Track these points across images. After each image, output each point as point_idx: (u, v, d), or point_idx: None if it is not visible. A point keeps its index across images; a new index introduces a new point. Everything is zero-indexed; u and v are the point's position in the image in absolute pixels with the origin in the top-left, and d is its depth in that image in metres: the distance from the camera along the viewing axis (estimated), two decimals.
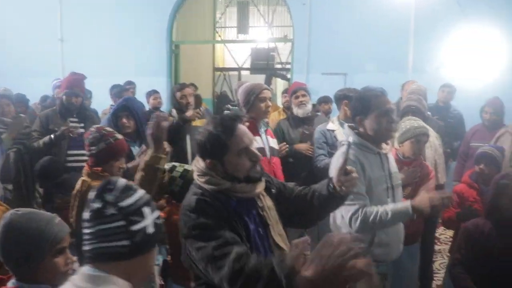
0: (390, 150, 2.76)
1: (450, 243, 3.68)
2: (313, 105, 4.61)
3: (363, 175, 2.45)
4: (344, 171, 1.96)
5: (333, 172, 2.55)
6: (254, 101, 3.40)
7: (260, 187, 1.92)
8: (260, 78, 10.85)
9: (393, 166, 2.75)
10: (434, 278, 4.21)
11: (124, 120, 3.54)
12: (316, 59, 6.91)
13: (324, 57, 6.86)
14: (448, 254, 3.70)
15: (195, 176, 1.92)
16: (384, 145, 2.66)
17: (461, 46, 6.30)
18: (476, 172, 3.40)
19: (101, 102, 6.04)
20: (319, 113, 4.86)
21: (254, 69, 12.06)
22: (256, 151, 1.88)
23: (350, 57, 6.76)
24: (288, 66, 9.92)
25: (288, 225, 2.14)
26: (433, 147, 3.88)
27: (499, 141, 4.15)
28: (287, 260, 1.48)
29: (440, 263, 4.63)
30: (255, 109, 3.42)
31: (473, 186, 3.37)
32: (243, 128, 1.87)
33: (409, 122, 3.32)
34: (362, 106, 2.54)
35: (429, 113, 4.63)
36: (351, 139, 2.24)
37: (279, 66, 11.67)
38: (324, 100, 5.65)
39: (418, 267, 3.53)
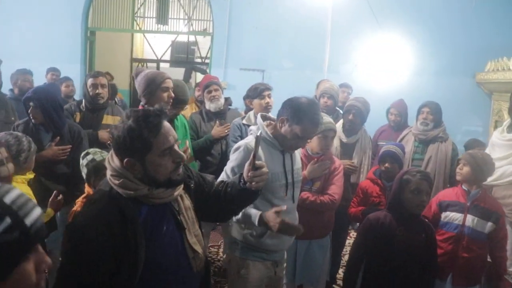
0: None
1: None
2: (226, 99, 4.62)
3: None
4: (253, 166, 1.93)
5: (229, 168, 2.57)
6: (156, 91, 3.13)
7: (179, 190, 1.81)
8: (179, 72, 10.71)
9: (298, 162, 2.80)
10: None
11: (31, 111, 3.41)
12: (234, 54, 6.91)
13: (243, 53, 6.88)
14: None
15: (108, 175, 1.74)
16: None
17: (373, 51, 6.59)
18: (380, 169, 3.54)
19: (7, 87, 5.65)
20: (231, 107, 4.87)
21: (173, 62, 11.88)
22: (181, 152, 1.75)
23: (269, 54, 6.83)
24: (208, 61, 9.85)
25: (205, 219, 2.09)
26: (363, 148, 4.01)
27: (403, 141, 4.33)
28: None
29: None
30: (157, 100, 3.12)
31: (377, 182, 3.50)
32: (168, 125, 1.72)
33: None
34: (296, 113, 2.49)
35: None
36: (259, 132, 2.22)
37: (199, 60, 11.58)
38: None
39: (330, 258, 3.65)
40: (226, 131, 4.12)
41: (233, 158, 2.57)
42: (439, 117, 4.22)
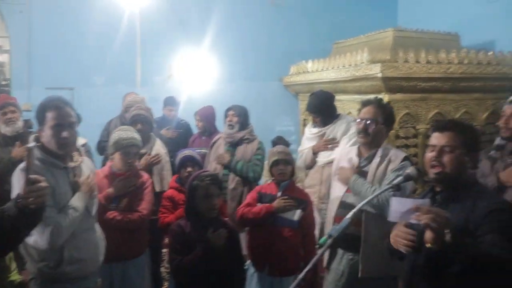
0: (82, 161, 2.63)
1: None
2: (26, 121, 4.24)
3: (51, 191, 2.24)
4: (28, 181, 1.73)
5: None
6: None
7: None
8: None
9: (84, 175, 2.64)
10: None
11: None
12: (39, 73, 6.31)
13: (48, 71, 6.30)
14: None
15: None
16: (76, 157, 2.54)
17: (186, 61, 6.59)
18: (181, 176, 3.53)
19: None
20: (32, 129, 4.46)
21: None
22: None
23: (77, 71, 6.37)
24: None
25: None
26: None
27: (214, 146, 4.42)
28: None
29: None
30: None
31: (181, 189, 3.47)
32: None
33: (118, 133, 3.25)
34: (39, 116, 2.40)
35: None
36: (32, 144, 2.01)
37: (4, 82, 10.50)
38: None
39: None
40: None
41: (14, 185, 2.32)
42: (245, 119, 4.38)
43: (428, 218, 1.66)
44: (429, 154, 2.11)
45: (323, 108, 4.08)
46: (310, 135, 4.23)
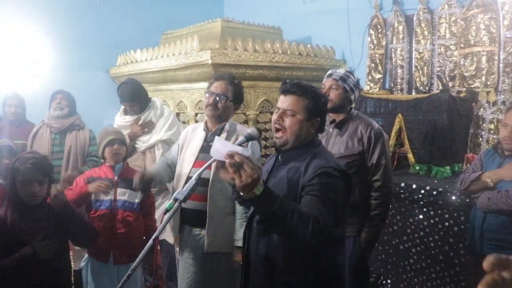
0: None
1: None
2: None
3: None
4: None
5: None
6: None
7: None
8: None
9: None
10: None
11: None
12: None
13: None
14: None
15: None
16: None
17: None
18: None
19: None
20: None
21: None
22: None
23: None
24: None
25: None
26: None
27: (37, 136, 4.13)
28: None
29: None
30: None
31: None
32: None
33: None
34: None
35: None
36: None
37: None
38: None
39: None
40: None
41: None
42: (73, 105, 4.26)
43: (232, 163, 1.67)
44: (273, 116, 2.18)
45: (139, 95, 4.10)
46: (123, 123, 4.18)
